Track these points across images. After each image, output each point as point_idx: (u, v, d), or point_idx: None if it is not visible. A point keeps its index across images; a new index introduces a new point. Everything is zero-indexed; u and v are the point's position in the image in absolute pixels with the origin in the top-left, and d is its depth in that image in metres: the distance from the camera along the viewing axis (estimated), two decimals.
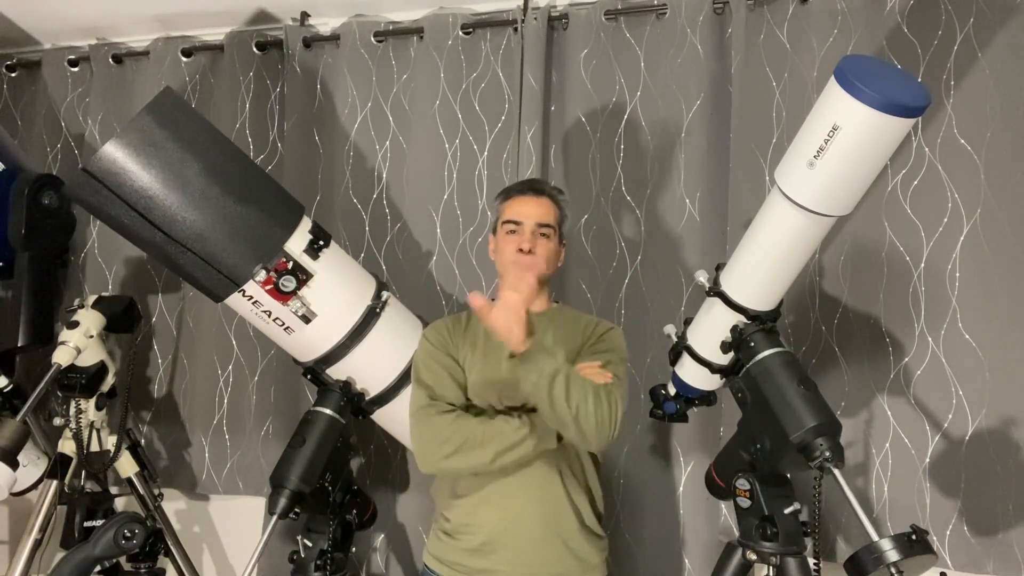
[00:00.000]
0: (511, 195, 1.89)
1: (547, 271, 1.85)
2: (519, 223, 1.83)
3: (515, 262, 1.80)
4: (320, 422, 2.01)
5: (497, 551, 1.73)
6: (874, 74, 1.52)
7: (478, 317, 1.57)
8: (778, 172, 1.70)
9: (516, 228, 1.83)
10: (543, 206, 1.85)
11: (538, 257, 1.80)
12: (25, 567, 2.27)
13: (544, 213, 1.84)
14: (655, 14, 2.41)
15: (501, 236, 1.86)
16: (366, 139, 2.62)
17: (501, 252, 1.85)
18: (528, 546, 1.73)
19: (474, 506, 1.77)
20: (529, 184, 1.92)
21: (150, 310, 2.79)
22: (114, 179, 1.71)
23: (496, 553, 1.73)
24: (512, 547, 1.73)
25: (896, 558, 1.54)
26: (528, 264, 1.78)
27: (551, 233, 1.84)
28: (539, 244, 1.81)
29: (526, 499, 1.73)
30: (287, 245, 1.89)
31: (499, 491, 1.74)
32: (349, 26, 2.63)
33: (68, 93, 2.94)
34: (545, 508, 1.74)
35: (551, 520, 1.75)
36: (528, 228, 1.82)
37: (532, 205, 1.85)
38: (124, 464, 2.46)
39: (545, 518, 1.74)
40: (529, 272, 1.70)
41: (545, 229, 1.83)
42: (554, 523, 1.75)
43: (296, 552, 2.08)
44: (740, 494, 1.84)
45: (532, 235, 1.81)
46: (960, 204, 2.15)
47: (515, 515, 1.73)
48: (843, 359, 2.23)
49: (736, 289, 1.85)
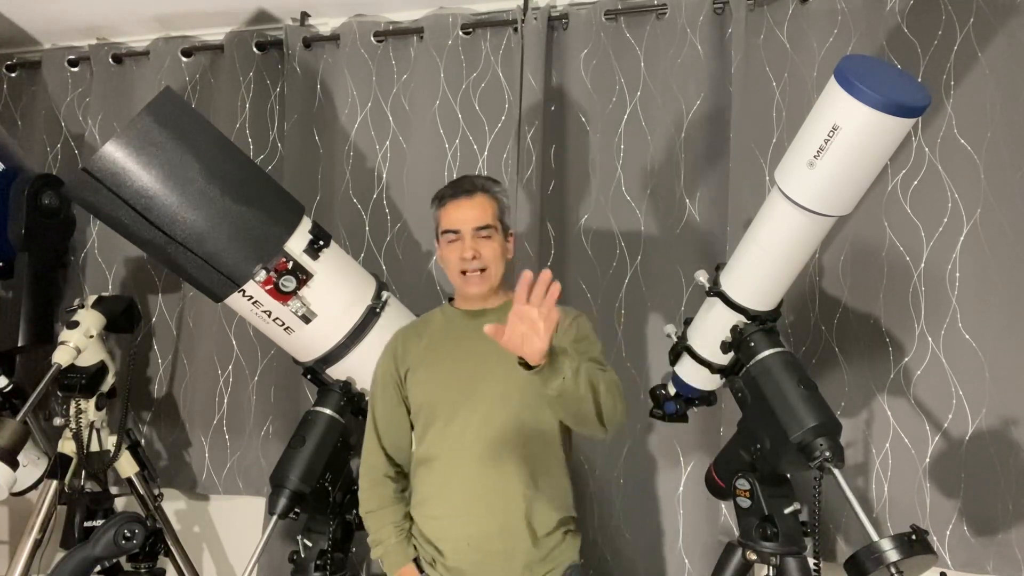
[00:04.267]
0: (444, 201, 1.81)
1: (498, 273, 1.80)
2: (457, 231, 1.77)
3: (461, 273, 1.77)
4: (320, 422, 2.02)
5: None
6: (874, 74, 1.53)
7: (497, 342, 1.51)
8: (778, 172, 1.70)
9: (455, 237, 1.77)
10: (477, 206, 1.78)
11: (484, 260, 1.76)
12: (25, 567, 2.27)
13: (479, 215, 1.77)
14: (655, 14, 2.41)
15: (443, 245, 1.81)
16: (366, 139, 2.62)
17: (447, 262, 1.81)
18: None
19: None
20: (460, 185, 1.83)
21: (150, 310, 2.79)
22: (114, 179, 1.71)
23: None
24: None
25: (896, 558, 1.54)
26: (476, 276, 1.76)
27: (492, 232, 1.78)
28: (482, 247, 1.76)
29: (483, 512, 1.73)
30: (287, 245, 1.89)
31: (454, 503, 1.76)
32: (349, 26, 2.63)
33: (68, 93, 2.94)
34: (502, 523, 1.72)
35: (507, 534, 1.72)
36: (467, 234, 1.76)
37: (465, 208, 1.78)
38: (124, 464, 2.46)
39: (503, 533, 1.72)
40: (479, 286, 1.75)
41: (485, 230, 1.77)
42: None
43: (296, 552, 2.08)
44: (740, 494, 1.85)
45: (473, 240, 1.76)
46: (960, 204, 2.15)
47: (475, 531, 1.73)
48: (843, 359, 2.23)
49: (736, 289, 1.85)
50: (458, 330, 1.84)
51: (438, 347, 1.83)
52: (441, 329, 1.87)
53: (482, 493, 1.72)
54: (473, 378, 1.75)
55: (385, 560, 1.81)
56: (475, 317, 1.82)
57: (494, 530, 1.71)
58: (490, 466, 1.71)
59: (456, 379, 1.77)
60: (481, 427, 1.72)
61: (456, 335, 1.83)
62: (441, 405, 1.78)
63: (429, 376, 1.81)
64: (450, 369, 1.79)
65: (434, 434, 1.78)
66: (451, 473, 1.75)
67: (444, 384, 1.79)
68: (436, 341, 1.85)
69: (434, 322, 1.91)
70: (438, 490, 1.77)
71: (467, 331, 1.81)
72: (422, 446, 1.81)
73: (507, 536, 1.71)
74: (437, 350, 1.83)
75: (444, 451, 1.76)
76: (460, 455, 1.74)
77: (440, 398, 1.78)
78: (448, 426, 1.76)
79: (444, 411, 1.77)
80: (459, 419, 1.75)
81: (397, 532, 1.80)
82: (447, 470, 1.76)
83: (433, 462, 1.78)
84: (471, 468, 1.73)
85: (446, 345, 1.83)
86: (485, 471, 1.72)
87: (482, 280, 1.78)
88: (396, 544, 1.79)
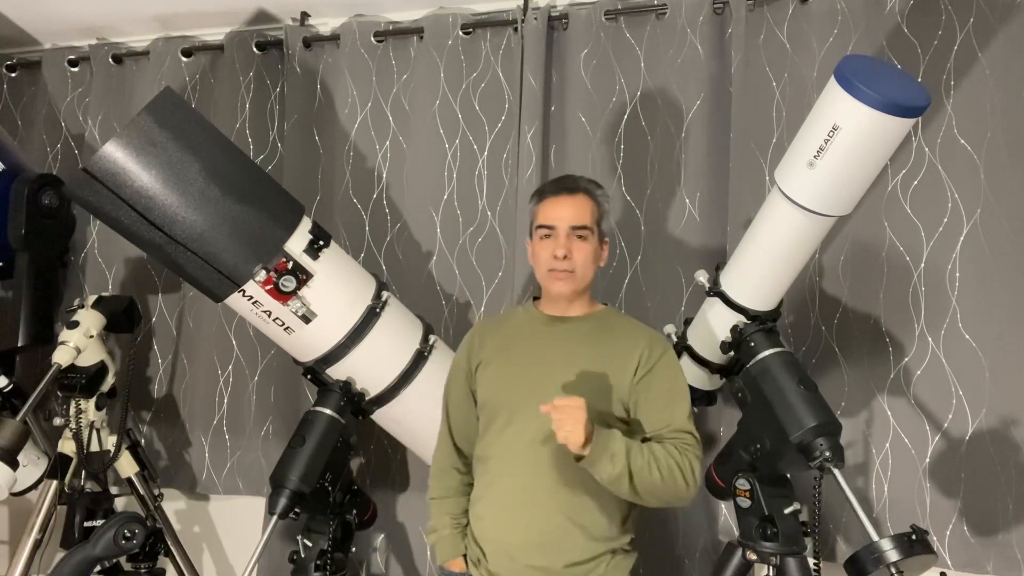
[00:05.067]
0: (544, 196, 1.76)
1: (586, 278, 1.73)
2: (552, 227, 1.71)
3: (549, 271, 1.71)
4: (320, 422, 2.02)
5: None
6: (874, 74, 1.53)
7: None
8: (778, 172, 1.70)
9: (550, 232, 1.71)
10: (578, 206, 1.72)
11: (574, 263, 1.69)
12: (25, 567, 2.27)
13: (578, 214, 1.71)
14: (655, 14, 2.41)
15: (536, 241, 1.74)
16: (366, 139, 2.62)
17: (537, 259, 1.74)
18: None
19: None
20: (562, 183, 1.78)
21: (150, 310, 2.79)
22: (114, 179, 1.71)
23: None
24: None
25: (896, 558, 1.54)
26: (563, 276, 1.70)
27: (588, 234, 1.71)
28: (575, 248, 1.69)
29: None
30: (287, 245, 1.89)
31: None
32: (349, 26, 2.63)
33: (68, 93, 2.94)
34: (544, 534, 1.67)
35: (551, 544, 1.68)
36: (562, 232, 1.70)
37: (566, 206, 1.71)
38: (124, 464, 2.46)
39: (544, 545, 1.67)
40: (564, 286, 1.70)
41: (581, 231, 1.70)
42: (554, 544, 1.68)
43: (296, 552, 2.08)
44: (740, 494, 1.85)
45: (567, 239, 1.69)
46: (960, 204, 2.15)
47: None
48: (843, 359, 2.23)
49: (736, 289, 1.85)
50: (535, 333, 1.78)
51: (512, 346, 1.78)
52: (519, 328, 1.81)
53: (528, 504, 1.66)
54: (538, 384, 1.67)
55: (437, 548, 1.81)
56: (555, 323, 1.77)
57: (534, 544, 1.65)
58: (540, 477, 1.65)
59: (522, 382, 1.72)
60: (536, 436, 1.64)
61: (532, 337, 1.77)
62: (503, 406, 1.73)
63: (497, 374, 1.76)
64: (518, 371, 1.74)
65: (492, 434, 1.73)
66: (502, 476, 1.71)
67: (509, 386, 1.73)
68: (511, 340, 1.79)
69: (514, 320, 1.85)
70: (488, 491, 1.74)
71: (543, 335, 1.76)
72: (481, 444, 1.77)
73: (547, 553, 1.64)
74: (510, 349, 1.78)
75: (498, 453, 1.72)
76: (513, 460, 1.69)
77: (503, 399, 1.73)
78: (506, 428, 1.71)
79: (504, 413, 1.72)
80: (517, 423, 1.69)
81: (453, 524, 1.78)
82: (499, 473, 1.71)
83: (488, 462, 1.74)
84: (521, 476, 1.68)
85: (520, 346, 1.77)
86: (535, 481, 1.66)
87: (568, 280, 1.71)
88: (449, 535, 1.78)
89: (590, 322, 1.76)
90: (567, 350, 1.71)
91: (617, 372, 1.68)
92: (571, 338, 1.73)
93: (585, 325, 1.75)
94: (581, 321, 1.76)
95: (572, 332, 1.74)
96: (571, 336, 1.74)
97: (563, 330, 1.75)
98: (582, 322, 1.76)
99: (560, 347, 1.72)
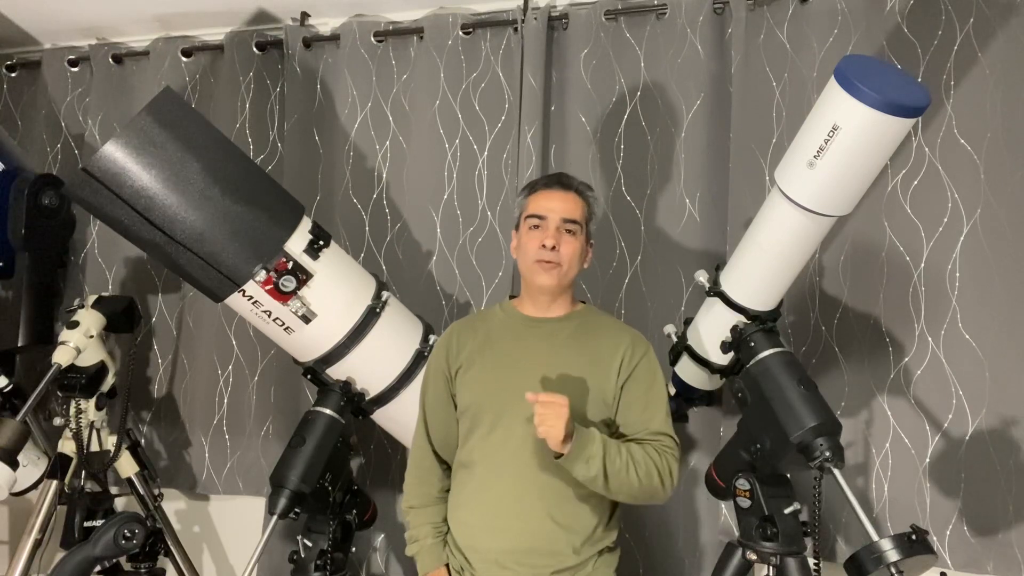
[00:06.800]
0: (536, 188, 1.76)
1: (571, 273, 1.72)
2: (543, 217, 1.70)
3: (536, 262, 1.68)
4: (320, 422, 2.01)
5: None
6: (874, 74, 1.53)
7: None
8: (778, 172, 1.70)
9: (540, 223, 1.70)
10: (570, 201, 1.72)
11: (561, 256, 1.68)
12: (25, 567, 2.27)
13: (570, 208, 1.71)
14: (655, 14, 2.41)
15: (524, 231, 1.73)
16: (366, 139, 2.62)
17: (523, 249, 1.72)
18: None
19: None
20: (556, 178, 1.78)
21: (150, 310, 2.79)
22: (114, 179, 1.71)
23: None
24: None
25: (896, 558, 1.54)
26: (549, 268, 1.68)
27: (577, 230, 1.71)
28: (564, 241, 1.69)
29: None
30: (287, 245, 1.89)
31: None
32: (349, 26, 2.63)
33: (68, 93, 2.94)
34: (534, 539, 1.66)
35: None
36: (553, 223, 1.69)
37: (558, 199, 1.72)
38: (124, 464, 2.45)
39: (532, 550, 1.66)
40: (549, 277, 1.68)
41: (571, 225, 1.70)
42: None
43: (296, 552, 2.08)
44: (740, 494, 1.85)
45: (557, 231, 1.69)
46: (960, 204, 2.15)
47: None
48: (843, 359, 2.23)
49: (736, 289, 1.85)
50: (516, 334, 1.76)
51: (493, 348, 1.75)
52: (499, 329, 1.78)
53: (517, 509, 1.65)
54: (522, 388, 1.60)
55: (418, 560, 1.78)
56: (537, 324, 1.75)
57: (523, 550, 1.63)
58: (528, 483, 1.64)
59: (506, 386, 1.69)
60: (523, 441, 1.63)
61: (513, 339, 1.75)
62: (486, 411, 1.70)
63: (479, 378, 1.74)
64: (501, 375, 1.71)
65: (477, 439, 1.71)
66: (489, 482, 1.68)
67: (492, 390, 1.71)
68: (491, 341, 1.76)
69: (492, 320, 1.82)
70: (474, 496, 1.70)
71: (525, 337, 1.75)
72: (464, 449, 1.74)
73: (537, 559, 1.63)
74: (491, 352, 1.75)
75: (484, 458, 1.69)
76: (499, 466, 1.67)
77: (486, 404, 1.71)
78: (491, 434, 1.69)
79: (489, 417, 1.69)
80: (502, 428, 1.67)
81: (434, 533, 1.76)
82: (485, 478, 1.69)
83: (474, 467, 1.71)
84: (509, 481, 1.66)
85: (501, 348, 1.75)
86: (523, 487, 1.65)
87: (554, 272, 1.69)
88: (431, 546, 1.75)
89: (571, 322, 1.76)
90: (550, 352, 1.71)
91: (601, 374, 1.69)
92: (554, 340, 1.73)
93: (567, 326, 1.74)
94: (563, 321, 1.75)
95: (554, 333, 1.73)
96: (554, 338, 1.73)
97: (545, 331, 1.74)
98: (564, 322, 1.75)
99: (543, 349, 1.71)
